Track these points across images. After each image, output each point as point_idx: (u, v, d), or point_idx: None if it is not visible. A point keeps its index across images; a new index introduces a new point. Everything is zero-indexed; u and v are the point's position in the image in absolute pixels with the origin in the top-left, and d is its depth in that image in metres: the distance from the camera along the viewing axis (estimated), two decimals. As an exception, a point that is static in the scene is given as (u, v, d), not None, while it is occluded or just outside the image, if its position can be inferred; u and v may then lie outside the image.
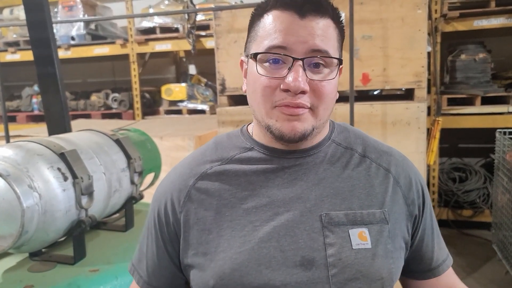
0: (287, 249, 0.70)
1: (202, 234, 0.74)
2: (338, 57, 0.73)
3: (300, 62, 0.68)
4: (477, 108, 2.98)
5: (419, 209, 0.79)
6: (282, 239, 0.71)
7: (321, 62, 0.70)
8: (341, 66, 0.75)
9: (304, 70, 0.69)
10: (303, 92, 0.69)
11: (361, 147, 0.80)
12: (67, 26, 3.89)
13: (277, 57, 0.70)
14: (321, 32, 0.69)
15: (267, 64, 0.71)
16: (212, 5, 3.34)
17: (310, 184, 0.74)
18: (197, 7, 3.33)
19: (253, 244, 0.71)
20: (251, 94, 0.75)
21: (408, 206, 0.77)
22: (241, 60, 0.81)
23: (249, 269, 0.69)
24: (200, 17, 3.56)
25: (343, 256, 0.69)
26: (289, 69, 0.69)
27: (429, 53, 2.73)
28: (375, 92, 3.05)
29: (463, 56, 3.07)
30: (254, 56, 0.71)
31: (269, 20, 0.71)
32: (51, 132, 1.60)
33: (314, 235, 0.71)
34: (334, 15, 0.72)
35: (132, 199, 1.37)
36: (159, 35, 3.70)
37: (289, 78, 0.68)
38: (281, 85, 0.69)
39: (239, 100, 2.47)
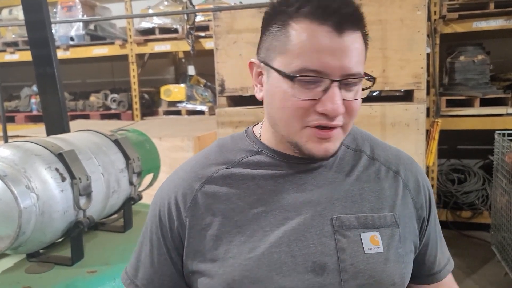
0: (298, 254, 0.68)
1: (210, 240, 0.71)
2: (368, 73, 0.69)
3: (337, 84, 0.64)
4: (476, 110, 2.98)
5: (427, 213, 0.78)
6: (292, 244, 0.69)
7: (355, 82, 0.67)
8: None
9: (339, 90, 0.65)
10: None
11: (370, 149, 0.79)
12: (66, 27, 3.89)
13: (312, 79, 0.64)
14: (356, 51, 0.65)
15: (298, 83, 0.65)
16: (212, 6, 3.34)
17: (320, 188, 0.73)
18: (196, 7, 3.33)
19: (263, 249, 0.69)
20: (276, 110, 0.69)
21: (417, 210, 0.76)
22: (251, 62, 0.74)
23: (260, 275, 0.67)
24: (199, 18, 3.55)
25: (356, 261, 0.68)
26: (325, 90, 0.64)
27: (428, 55, 2.73)
28: (374, 93, 3.05)
29: (462, 58, 3.07)
30: (285, 75, 0.65)
31: (302, 33, 0.64)
32: (50, 132, 1.59)
33: (325, 239, 0.69)
34: (364, 26, 0.69)
35: (131, 200, 1.37)
36: (158, 36, 3.69)
37: (328, 104, 0.64)
38: (317, 107, 0.65)
39: (238, 101, 2.46)
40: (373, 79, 0.69)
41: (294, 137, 0.69)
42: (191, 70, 4.59)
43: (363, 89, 0.70)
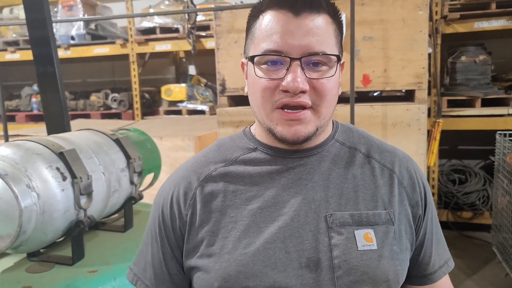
0: (292, 251, 0.70)
1: (207, 236, 0.73)
2: (336, 53, 0.72)
3: (298, 62, 0.68)
4: (477, 110, 2.98)
5: (422, 210, 0.78)
6: (287, 240, 0.70)
7: (319, 60, 0.70)
8: (342, 62, 0.74)
9: (303, 69, 0.68)
10: (303, 92, 0.68)
11: (365, 147, 0.80)
12: (67, 26, 3.89)
13: (274, 58, 0.69)
14: (317, 30, 0.69)
15: (265, 66, 0.70)
16: (213, 5, 3.34)
17: (315, 185, 0.74)
18: (197, 7, 3.33)
19: (258, 245, 0.70)
20: (251, 96, 0.75)
21: (412, 208, 0.77)
22: (242, 62, 0.80)
23: (255, 270, 0.69)
24: (200, 17, 3.55)
25: (349, 257, 0.69)
26: (287, 69, 0.68)
27: (429, 55, 2.73)
28: (376, 93, 3.05)
29: (463, 58, 3.07)
30: (251, 59, 0.71)
31: (264, 21, 0.71)
32: (50, 131, 1.59)
33: (319, 236, 0.70)
34: (330, 10, 0.72)
35: (132, 199, 1.37)
36: (159, 35, 3.69)
37: (288, 79, 0.68)
38: (280, 86, 0.69)
39: (239, 100, 2.46)
40: (336, 57, 0.71)
41: (266, 121, 0.72)
42: (191, 70, 4.59)
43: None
